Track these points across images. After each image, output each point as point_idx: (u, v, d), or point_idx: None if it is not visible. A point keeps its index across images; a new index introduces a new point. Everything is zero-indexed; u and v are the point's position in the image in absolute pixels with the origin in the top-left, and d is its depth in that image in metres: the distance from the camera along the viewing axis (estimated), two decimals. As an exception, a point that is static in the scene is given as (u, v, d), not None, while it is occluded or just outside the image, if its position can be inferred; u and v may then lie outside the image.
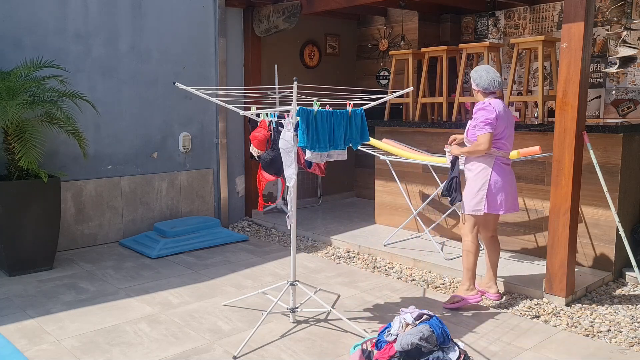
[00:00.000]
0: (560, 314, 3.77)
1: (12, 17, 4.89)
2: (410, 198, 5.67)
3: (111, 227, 5.58)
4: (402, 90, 3.85)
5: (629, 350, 3.27)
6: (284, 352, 3.23)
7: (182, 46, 5.94)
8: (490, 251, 4.03)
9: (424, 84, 5.78)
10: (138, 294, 4.15)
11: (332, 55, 7.54)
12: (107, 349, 3.27)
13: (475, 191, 3.80)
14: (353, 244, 5.37)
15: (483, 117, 3.69)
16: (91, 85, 5.34)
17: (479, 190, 3.77)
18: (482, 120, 3.69)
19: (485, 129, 3.68)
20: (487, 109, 3.71)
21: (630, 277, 4.39)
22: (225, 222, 6.37)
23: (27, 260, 4.58)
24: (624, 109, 5.68)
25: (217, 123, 6.28)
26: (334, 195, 7.63)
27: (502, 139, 3.78)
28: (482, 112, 3.72)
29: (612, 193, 4.26)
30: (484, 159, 3.80)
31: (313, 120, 3.27)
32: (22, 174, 4.60)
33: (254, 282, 4.45)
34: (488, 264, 4.06)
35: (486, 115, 3.69)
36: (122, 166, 5.61)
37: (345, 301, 4.03)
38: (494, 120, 3.68)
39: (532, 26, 6.34)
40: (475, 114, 3.75)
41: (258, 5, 6.31)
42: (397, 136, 5.62)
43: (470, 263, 3.91)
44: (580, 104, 3.78)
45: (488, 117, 3.68)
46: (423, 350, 2.71)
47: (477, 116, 3.72)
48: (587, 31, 3.71)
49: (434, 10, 6.86)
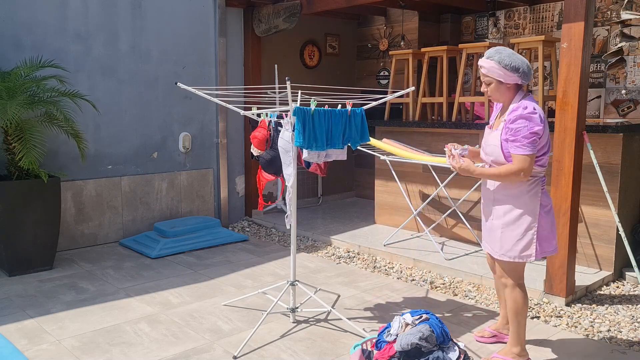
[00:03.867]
0: (560, 314, 3.77)
1: (12, 17, 4.89)
2: (410, 198, 5.67)
3: (111, 227, 5.58)
4: (402, 91, 3.84)
5: (629, 350, 3.27)
6: (284, 352, 3.23)
7: (182, 46, 5.94)
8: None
9: (424, 84, 5.78)
10: (138, 294, 4.15)
11: (332, 55, 7.54)
12: (107, 348, 3.27)
13: (520, 233, 2.81)
14: (353, 244, 5.37)
15: (527, 130, 2.65)
16: (91, 85, 5.34)
17: (526, 230, 2.80)
18: (525, 135, 2.66)
19: (526, 149, 2.66)
20: (532, 119, 2.66)
21: (630, 277, 4.39)
22: (225, 222, 6.37)
23: (27, 260, 4.58)
24: (624, 109, 5.68)
25: (217, 123, 6.28)
26: (334, 195, 7.63)
27: (546, 154, 2.80)
28: (524, 123, 2.67)
29: (612, 193, 4.26)
30: (528, 185, 2.79)
31: (310, 120, 3.26)
32: (22, 174, 4.60)
33: (254, 282, 4.45)
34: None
35: (532, 128, 2.65)
36: (122, 166, 5.61)
37: (345, 301, 4.03)
38: (540, 134, 2.67)
39: (532, 26, 6.34)
40: (513, 123, 2.70)
41: (258, 5, 6.31)
42: (397, 136, 5.62)
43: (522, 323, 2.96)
44: (580, 104, 3.78)
45: (534, 130, 2.65)
46: (423, 350, 2.71)
47: (517, 127, 2.68)
48: (587, 31, 3.71)
49: (434, 10, 6.86)
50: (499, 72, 2.77)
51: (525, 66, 2.77)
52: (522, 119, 2.68)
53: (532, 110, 2.69)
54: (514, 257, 2.85)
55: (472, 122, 5.23)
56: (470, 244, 5.24)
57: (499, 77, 2.78)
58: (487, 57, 2.82)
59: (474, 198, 5.22)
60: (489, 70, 2.80)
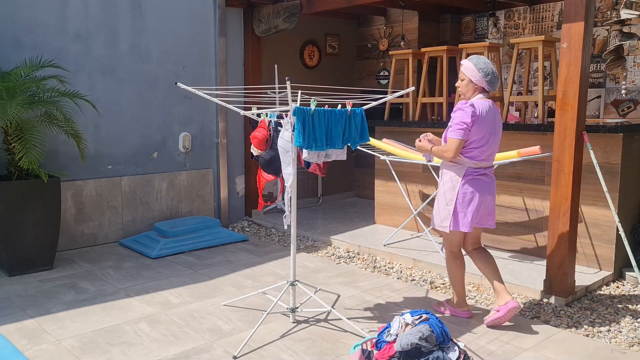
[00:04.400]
0: (560, 314, 3.77)
1: (12, 17, 4.89)
2: (410, 198, 5.67)
3: (111, 227, 5.58)
4: (402, 91, 3.84)
5: (629, 350, 3.27)
6: (284, 352, 3.23)
7: (182, 46, 5.94)
8: (479, 263, 3.62)
9: (424, 84, 5.78)
10: (138, 294, 4.15)
11: (332, 55, 7.54)
12: (107, 348, 3.27)
13: (443, 205, 3.45)
14: (353, 244, 5.37)
15: (459, 119, 3.27)
16: (91, 85, 5.34)
17: (447, 205, 3.42)
18: (457, 122, 3.27)
19: (456, 134, 3.27)
20: (465, 110, 3.26)
21: (630, 277, 4.39)
22: (225, 222, 6.37)
23: (27, 260, 4.58)
24: (624, 109, 5.68)
25: (217, 123, 6.28)
26: (334, 195, 7.63)
27: (479, 148, 3.35)
28: (459, 113, 3.29)
29: (612, 193, 4.26)
30: (455, 169, 3.42)
31: (310, 120, 3.26)
32: (22, 174, 4.60)
33: (254, 282, 4.46)
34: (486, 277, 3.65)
35: (462, 118, 3.25)
36: (122, 166, 5.61)
37: (345, 301, 4.03)
38: (469, 125, 3.25)
39: (532, 26, 6.34)
40: (453, 113, 3.35)
41: (258, 5, 6.31)
42: (397, 136, 5.62)
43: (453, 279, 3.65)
44: (580, 104, 3.78)
45: (464, 120, 3.25)
46: (423, 350, 2.71)
47: (454, 116, 3.31)
48: (587, 31, 3.71)
49: (434, 10, 6.86)
50: (472, 72, 3.36)
51: (493, 75, 3.35)
52: (459, 110, 3.29)
53: (470, 105, 3.28)
54: (437, 226, 3.51)
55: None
56: (470, 244, 5.24)
57: (470, 76, 3.38)
58: (468, 59, 3.44)
59: (474, 198, 5.21)
60: (466, 68, 3.41)
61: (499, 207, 5.04)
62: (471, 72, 3.36)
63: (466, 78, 3.41)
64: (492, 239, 5.11)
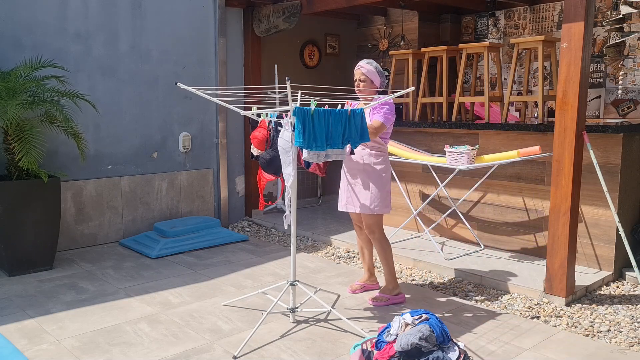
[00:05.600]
0: (560, 314, 3.77)
1: (12, 17, 4.89)
2: (410, 198, 5.67)
3: (111, 227, 5.58)
4: (402, 91, 3.84)
5: (629, 350, 3.27)
6: (284, 352, 3.23)
7: (182, 46, 5.94)
8: (371, 245, 4.15)
9: (424, 84, 5.78)
10: (138, 294, 4.16)
11: (332, 55, 7.54)
12: (107, 348, 3.27)
13: (380, 188, 3.83)
14: (353, 244, 5.37)
15: (390, 112, 3.74)
16: (91, 85, 5.34)
17: (384, 187, 3.85)
18: (385, 112, 3.71)
19: (381, 118, 3.70)
20: (392, 108, 3.77)
21: (630, 277, 4.39)
22: (225, 222, 6.37)
23: (27, 260, 4.58)
24: (624, 108, 5.68)
25: (217, 123, 6.28)
26: (334, 195, 7.61)
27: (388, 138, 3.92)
28: (389, 107, 3.75)
29: (612, 193, 4.26)
30: (386, 156, 3.90)
31: (310, 120, 3.26)
32: (22, 174, 4.60)
33: (254, 282, 4.46)
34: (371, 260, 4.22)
35: (390, 110, 3.74)
36: (122, 166, 5.61)
37: (345, 301, 4.03)
38: (391, 117, 3.75)
39: (532, 26, 6.34)
40: (384, 105, 3.73)
41: (258, 5, 6.31)
42: (397, 136, 5.62)
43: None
44: (580, 104, 3.78)
45: (392, 113, 3.75)
46: (423, 350, 2.71)
47: (384, 107, 3.72)
48: (587, 31, 3.71)
49: (434, 10, 6.86)
50: (374, 75, 3.79)
51: (384, 77, 3.90)
52: (388, 105, 3.73)
53: (392, 103, 3.77)
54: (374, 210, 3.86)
55: (472, 122, 5.24)
56: (470, 244, 5.25)
57: (372, 78, 3.79)
58: (367, 62, 3.83)
59: (474, 198, 5.22)
60: (368, 71, 3.80)
61: (499, 206, 5.05)
62: (373, 74, 3.80)
63: (368, 80, 3.80)
64: (492, 239, 5.12)
